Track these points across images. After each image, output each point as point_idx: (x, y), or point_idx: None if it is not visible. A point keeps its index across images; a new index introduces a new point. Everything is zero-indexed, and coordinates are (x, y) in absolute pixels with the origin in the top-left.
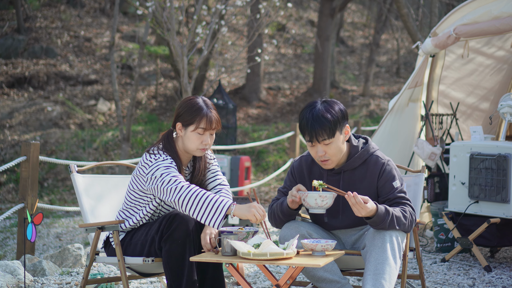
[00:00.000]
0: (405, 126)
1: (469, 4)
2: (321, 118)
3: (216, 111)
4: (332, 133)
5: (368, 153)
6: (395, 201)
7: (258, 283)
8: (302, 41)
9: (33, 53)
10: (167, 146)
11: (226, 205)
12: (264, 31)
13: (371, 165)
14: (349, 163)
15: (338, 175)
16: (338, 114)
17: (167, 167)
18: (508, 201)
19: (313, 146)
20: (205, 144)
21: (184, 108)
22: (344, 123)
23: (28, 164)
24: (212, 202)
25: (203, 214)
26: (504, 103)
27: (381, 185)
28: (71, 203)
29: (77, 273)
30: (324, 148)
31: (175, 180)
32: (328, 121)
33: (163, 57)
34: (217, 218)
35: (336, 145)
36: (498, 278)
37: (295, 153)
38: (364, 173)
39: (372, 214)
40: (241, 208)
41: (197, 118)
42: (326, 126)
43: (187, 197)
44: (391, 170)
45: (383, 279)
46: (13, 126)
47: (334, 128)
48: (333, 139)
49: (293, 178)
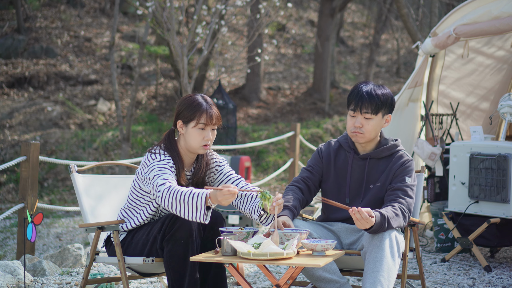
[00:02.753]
0: (405, 126)
1: (469, 4)
2: (372, 93)
3: (216, 107)
4: (377, 110)
5: (396, 148)
6: (396, 193)
7: (258, 283)
8: (302, 41)
9: (33, 53)
10: (168, 145)
11: (203, 198)
12: (264, 31)
13: (396, 159)
14: (377, 152)
15: (364, 161)
16: (388, 97)
17: (161, 168)
18: (508, 201)
19: (353, 116)
20: (207, 140)
21: (183, 106)
22: (389, 110)
23: (28, 164)
24: (190, 200)
25: (188, 212)
26: (504, 103)
27: (396, 174)
28: (71, 203)
29: (77, 273)
30: (363, 121)
31: (161, 184)
32: (378, 98)
33: (163, 57)
34: (200, 213)
35: (374, 123)
36: (498, 278)
37: (295, 153)
38: (387, 165)
39: (372, 224)
40: (213, 198)
41: (197, 114)
42: (374, 101)
43: (170, 200)
44: (410, 167)
45: (381, 276)
46: (13, 126)
47: (380, 106)
48: (375, 117)
49: (320, 158)
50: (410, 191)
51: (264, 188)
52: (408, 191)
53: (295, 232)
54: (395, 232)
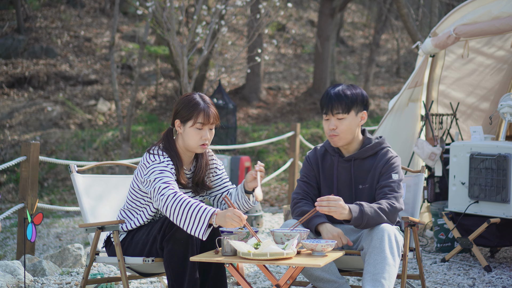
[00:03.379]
0: (405, 126)
1: (469, 4)
2: (340, 93)
3: (214, 106)
4: (348, 109)
5: (380, 146)
6: (382, 191)
7: (258, 283)
8: (302, 41)
9: (33, 53)
10: (166, 145)
11: (208, 215)
12: (264, 31)
13: (381, 156)
14: (360, 152)
15: (349, 163)
16: (358, 95)
17: (162, 171)
18: (508, 201)
19: (327, 120)
20: (205, 139)
21: (181, 105)
22: (362, 107)
23: (28, 164)
24: (195, 212)
25: (188, 224)
26: (504, 103)
27: (382, 173)
28: (71, 203)
29: (77, 273)
30: (336, 122)
31: (164, 187)
32: (347, 97)
33: (163, 57)
34: (200, 228)
35: (348, 123)
36: (498, 278)
37: (295, 153)
38: (373, 164)
39: (350, 217)
40: (219, 218)
41: (195, 113)
42: (343, 101)
43: (173, 207)
44: (396, 163)
45: (382, 278)
46: (13, 126)
47: (351, 105)
48: (347, 116)
49: (310, 165)
50: (397, 187)
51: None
52: (395, 187)
53: (295, 232)
54: (394, 232)
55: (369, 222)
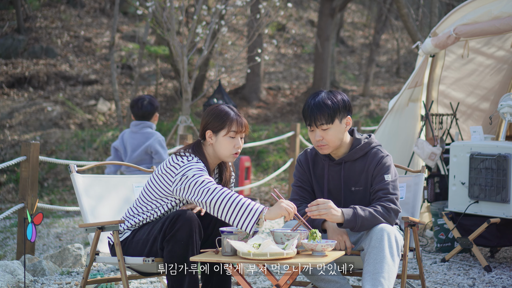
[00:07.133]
0: (405, 126)
1: (469, 4)
2: (321, 104)
3: (242, 116)
4: (331, 119)
5: (370, 146)
6: (377, 195)
7: (258, 283)
8: (302, 41)
9: (33, 53)
10: (196, 150)
11: (258, 210)
12: (264, 31)
13: (371, 157)
14: (350, 154)
15: (339, 166)
16: (339, 103)
17: (201, 170)
18: (508, 201)
19: (312, 131)
20: (238, 148)
21: (211, 116)
22: (345, 113)
23: (28, 164)
24: (244, 206)
25: (235, 217)
26: (504, 103)
27: (375, 175)
28: (71, 203)
29: (77, 273)
30: (321, 133)
31: (208, 182)
32: (328, 107)
33: (163, 57)
34: (249, 222)
35: (334, 132)
36: (498, 278)
37: (295, 153)
38: (364, 165)
39: (343, 220)
40: (272, 210)
41: (228, 122)
42: (325, 112)
43: (220, 200)
44: (387, 163)
45: (382, 277)
46: (13, 126)
47: (334, 115)
48: (331, 126)
49: (302, 168)
50: (392, 188)
51: (264, 188)
52: (390, 189)
53: (295, 232)
54: (394, 232)
55: (363, 224)
